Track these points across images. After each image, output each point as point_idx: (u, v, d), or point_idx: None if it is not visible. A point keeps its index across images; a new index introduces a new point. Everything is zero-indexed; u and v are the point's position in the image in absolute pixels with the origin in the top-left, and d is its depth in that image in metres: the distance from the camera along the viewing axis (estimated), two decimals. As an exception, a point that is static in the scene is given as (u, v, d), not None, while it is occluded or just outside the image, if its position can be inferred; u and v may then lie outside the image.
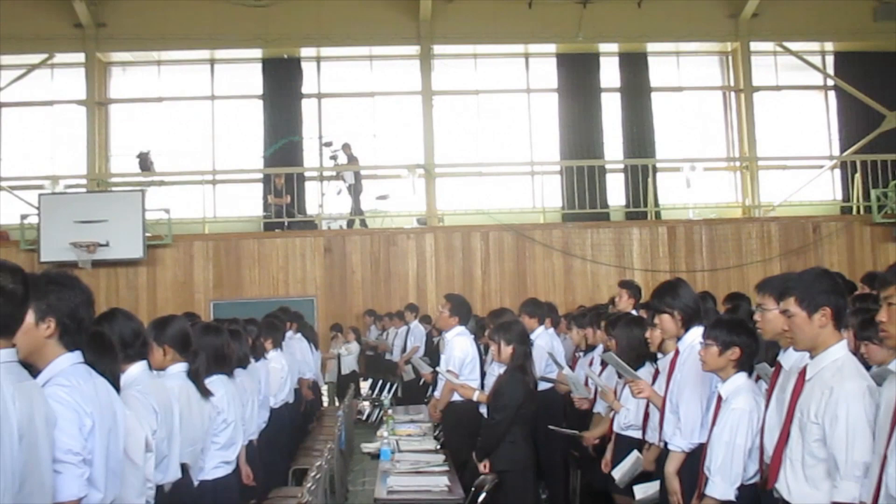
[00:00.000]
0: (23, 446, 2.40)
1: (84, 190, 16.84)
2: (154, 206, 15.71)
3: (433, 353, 13.28)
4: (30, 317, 2.94)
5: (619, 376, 5.91)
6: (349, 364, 14.58)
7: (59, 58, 17.47)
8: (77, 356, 3.16)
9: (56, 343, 3.11)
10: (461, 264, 15.88)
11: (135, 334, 4.13)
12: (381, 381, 14.80)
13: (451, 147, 17.92)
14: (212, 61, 18.12)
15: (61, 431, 2.88)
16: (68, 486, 2.90)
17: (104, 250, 14.72)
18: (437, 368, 7.99)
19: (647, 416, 5.58)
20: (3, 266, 2.73)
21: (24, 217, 15.33)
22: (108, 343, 3.66)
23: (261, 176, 17.30)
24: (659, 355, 5.49)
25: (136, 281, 15.17)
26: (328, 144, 17.21)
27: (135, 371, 4.07)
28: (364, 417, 14.05)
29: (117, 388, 3.43)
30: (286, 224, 16.35)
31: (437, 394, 8.05)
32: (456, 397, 7.45)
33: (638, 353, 5.68)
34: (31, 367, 2.99)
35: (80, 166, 17.29)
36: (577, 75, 18.10)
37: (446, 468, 6.36)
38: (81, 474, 2.96)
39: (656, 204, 17.32)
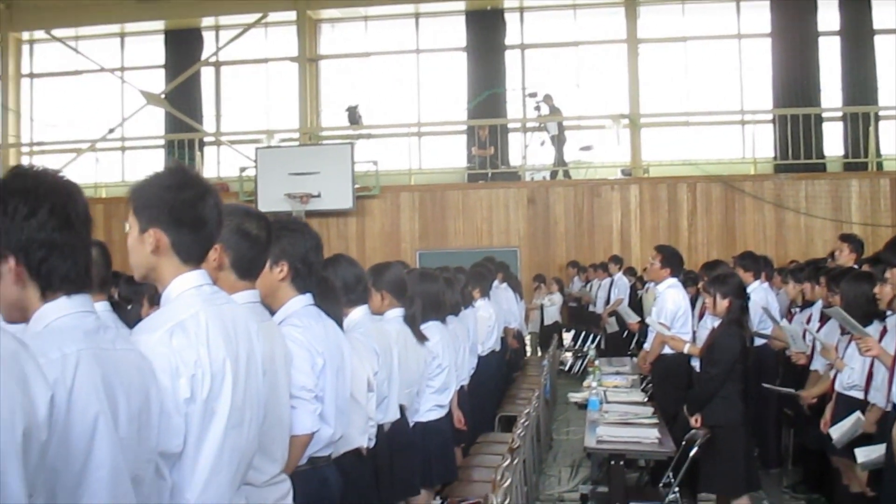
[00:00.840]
0: (265, 381, 2.54)
1: (297, 143, 17.55)
2: (362, 159, 16.19)
3: (637, 306, 13.10)
4: None
5: (843, 333, 5.63)
6: (552, 315, 14.61)
7: (273, 17, 18.17)
8: (308, 298, 3.31)
9: (289, 286, 3.26)
10: (667, 216, 15.53)
11: (357, 279, 4.28)
12: (583, 333, 14.76)
13: (656, 96, 17.46)
14: (416, 15, 18.36)
15: (296, 369, 3.03)
16: (302, 420, 3.05)
17: (316, 201, 15.32)
18: (648, 320, 7.87)
19: (870, 375, 5.31)
20: (250, 213, 2.89)
21: (242, 170, 16.15)
22: (331, 287, 3.81)
23: (465, 128, 17.46)
24: (888, 313, 5.19)
25: (346, 231, 15.72)
26: (532, 95, 17.15)
27: (357, 315, 4.22)
28: (566, 368, 14.09)
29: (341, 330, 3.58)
30: (490, 175, 16.48)
31: (646, 346, 7.94)
32: (666, 350, 7.33)
33: (865, 311, 5.38)
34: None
35: (293, 121, 18.02)
36: (793, 18, 17.12)
37: (655, 420, 6.29)
38: (314, 410, 3.11)
39: (878, 154, 16.27)
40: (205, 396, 2.27)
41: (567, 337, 15.22)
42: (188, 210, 2.38)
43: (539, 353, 14.19)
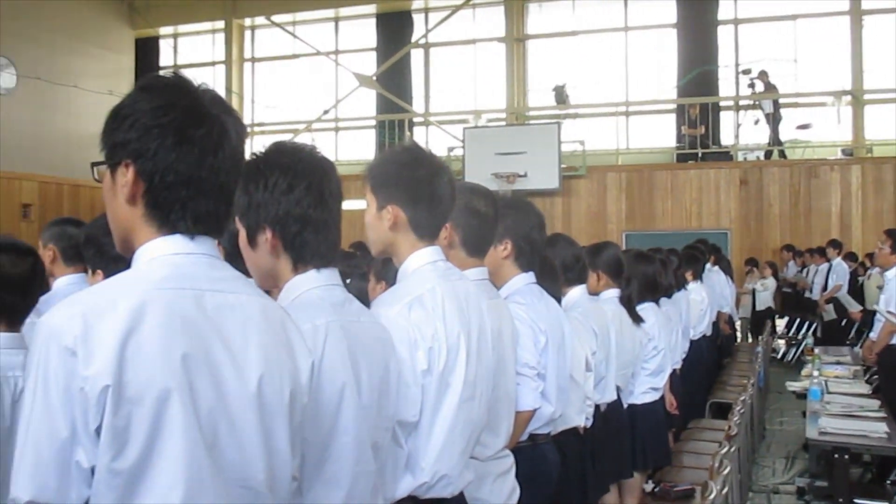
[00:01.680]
0: (494, 356, 2.57)
1: (504, 123, 17.66)
2: (569, 138, 16.10)
3: (857, 293, 12.44)
4: None
5: None
6: (764, 300, 14.07)
7: (480, -3, 18.35)
8: (530, 276, 3.33)
9: (512, 263, 3.29)
10: (892, 199, 14.61)
11: (575, 259, 4.27)
12: (798, 320, 14.16)
13: (882, 71, 16.40)
14: (625, -8, 18.06)
15: (520, 346, 3.05)
16: (525, 397, 3.07)
17: (522, 181, 15.37)
18: (875, 308, 7.46)
19: None
20: (478, 190, 2.93)
21: (450, 150, 16.40)
22: (551, 266, 3.82)
23: (674, 106, 17.02)
24: None
25: (551, 211, 15.70)
26: (746, 72, 16.50)
27: (575, 294, 4.22)
28: (779, 356, 13.55)
29: (560, 309, 3.58)
30: (700, 155, 16.01)
31: (872, 335, 7.53)
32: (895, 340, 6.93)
33: None
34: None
35: (500, 101, 18.13)
36: None
37: (883, 414, 5.96)
38: (536, 387, 3.14)
39: None
40: (441, 369, 2.33)
41: (780, 323, 14.64)
42: (424, 187, 2.44)
43: (749, 340, 13.72)
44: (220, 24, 19.38)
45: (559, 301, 3.74)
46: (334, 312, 2.00)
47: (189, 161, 1.57)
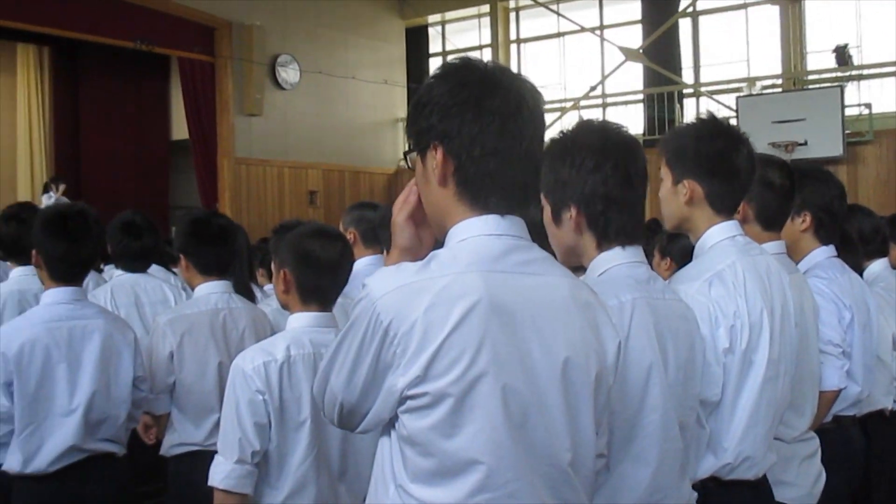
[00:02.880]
0: (796, 334, 2.46)
1: (780, 90, 16.82)
2: (853, 102, 15.10)
3: None
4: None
5: None
6: None
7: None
8: (831, 250, 3.16)
9: (811, 236, 3.14)
10: None
11: (875, 230, 4.02)
12: None
13: None
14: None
15: (822, 323, 2.91)
16: (829, 376, 2.92)
17: (802, 149, 14.58)
18: None
19: None
20: (772, 161, 2.82)
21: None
22: (850, 239, 3.61)
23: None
24: None
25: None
26: None
27: (876, 268, 3.97)
28: None
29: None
30: None
31: None
32: None
33: None
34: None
35: (774, 66, 17.28)
36: None
37: None
38: (841, 366, 2.97)
39: None
40: (743, 347, 2.26)
41: None
42: (721, 160, 2.37)
43: None
44: (486, 8, 19.71)
45: (861, 275, 3.53)
46: (640, 289, 1.99)
47: (492, 131, 1.59)
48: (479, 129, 1.59)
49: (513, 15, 20.45)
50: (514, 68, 15.06)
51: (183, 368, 3.43)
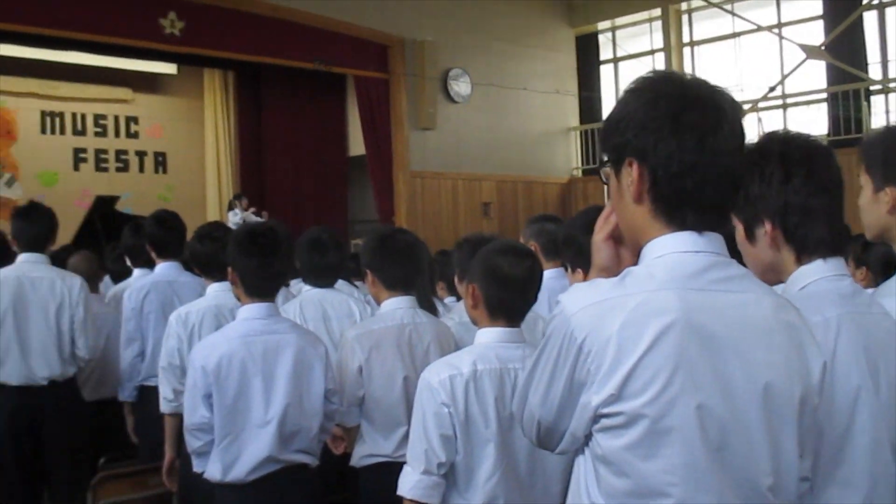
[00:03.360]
0: None
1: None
2: None
3: None
4: None
5: None
6: None
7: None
8: None
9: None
10: None
11: None
12: None
13: None
14: None
15: None
16: None
17: None
18: None
19: None
20: None
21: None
22: None
23: None
24: None
25: None
26: None
27: None
28: None
29: None
30: None
31: None
32: None
33: None
34: None
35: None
36: None
37: None
38: None
39: None
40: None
41: None
42: None
43: None
44: (657, 12, 19.36)
45: None
46: (844, 304, 1.89)
47: (689, 147, 1.55)
48: (677, 145, 1.55)
49: (685, 17, 20.02)
50: (688, 72, 14.83)
51: (371, 382, 3.51)
